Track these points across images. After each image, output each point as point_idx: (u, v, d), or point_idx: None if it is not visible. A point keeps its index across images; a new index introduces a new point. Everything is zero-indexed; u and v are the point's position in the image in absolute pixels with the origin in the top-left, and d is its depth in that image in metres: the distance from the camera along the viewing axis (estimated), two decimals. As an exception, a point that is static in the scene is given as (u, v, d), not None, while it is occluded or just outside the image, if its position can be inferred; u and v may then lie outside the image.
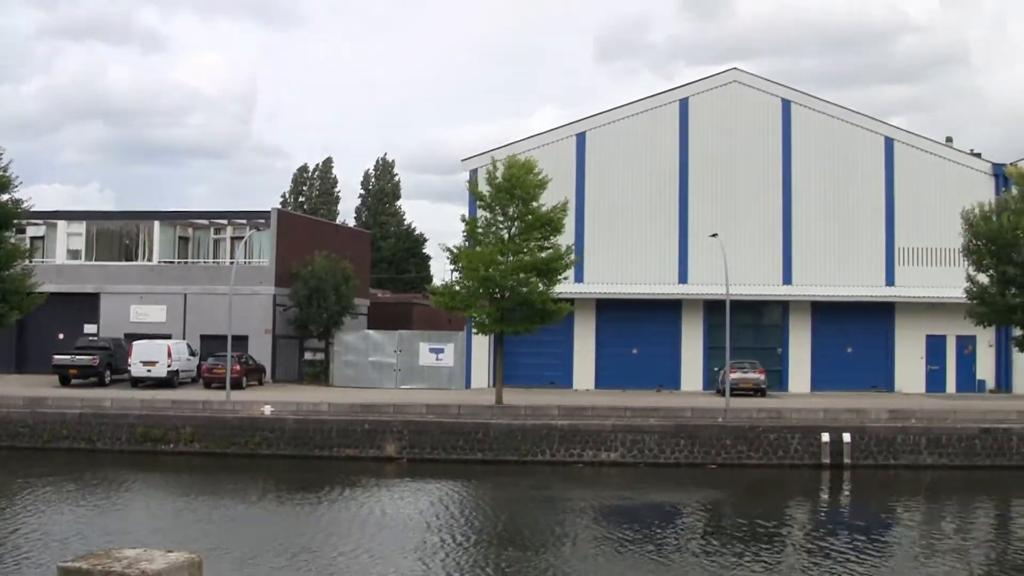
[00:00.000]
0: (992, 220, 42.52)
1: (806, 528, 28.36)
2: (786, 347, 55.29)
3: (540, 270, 42.11)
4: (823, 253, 54.83)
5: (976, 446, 37.97)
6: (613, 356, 54.69)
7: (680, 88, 56.96)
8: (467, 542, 24.94)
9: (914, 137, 56.57)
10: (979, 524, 30.12)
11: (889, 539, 26.78)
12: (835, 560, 23.32)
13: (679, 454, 37.50)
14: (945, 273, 51.52)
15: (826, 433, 37.57)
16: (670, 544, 25.03)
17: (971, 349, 55.09)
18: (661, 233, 55.00)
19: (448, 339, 55.77)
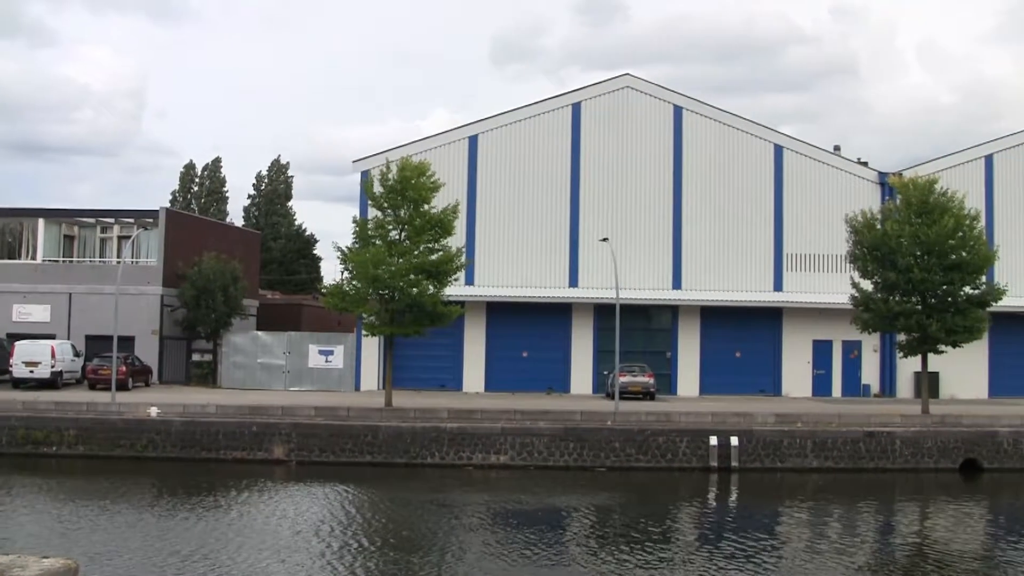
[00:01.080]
0: (877, 228, 43.22)
1: (695, 530, 28.52)
2: (675, 351, 55.73)
3: (430, 272, 41.97)
4: (713, 258, 55.39)
5: (861, 449, 38.55)
6: (503, 359, 54.74)
7: (573, 93, 57.15)
8: (355, 546, 24.71)
9: (803, 145, 57.36)
10: (864, 525, 30.55)
11: (776, 541, 27.02)
12: (724, 562, 23.48)
13: (568, 457, 37.58)
14: (832, 279, 52.24)
15: (714, 437, 37.89)
16: (559, 547, 25.04)
17: (856, 354, 55.96)
18: (552, 237, 55.17)
19: (338, 341, 55.44)
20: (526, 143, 55.92)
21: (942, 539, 28.21)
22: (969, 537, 28.83)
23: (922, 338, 42.89)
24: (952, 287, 42.53)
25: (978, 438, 39.57)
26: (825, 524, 30.24)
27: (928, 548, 26.93)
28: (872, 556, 25.64)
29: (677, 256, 55.50)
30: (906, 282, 42.09)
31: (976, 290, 43.51)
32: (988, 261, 43.57)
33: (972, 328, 42.75)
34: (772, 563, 23.73)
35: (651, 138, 56.09)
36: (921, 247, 41.99)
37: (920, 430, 39.80)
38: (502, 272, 54.85)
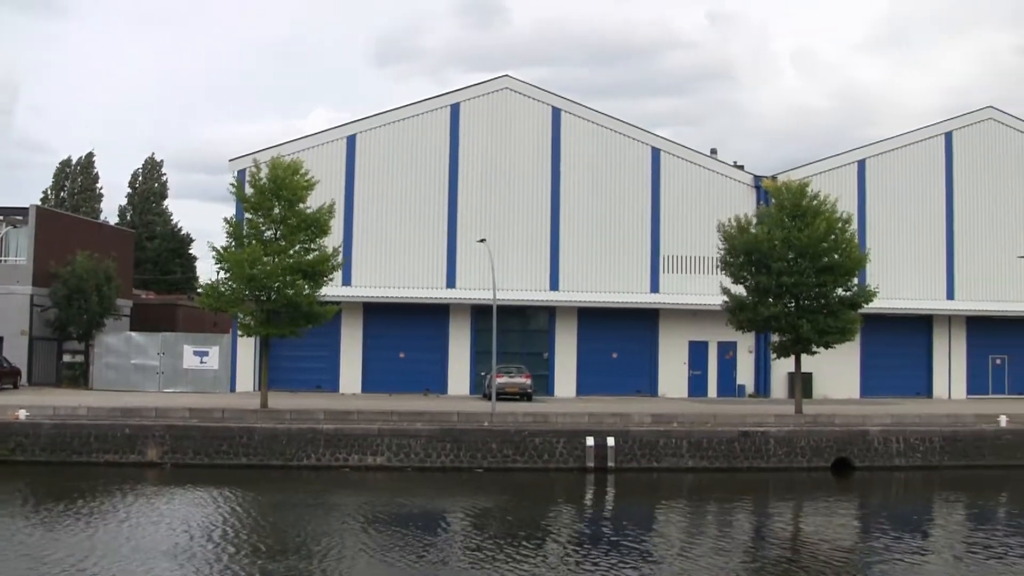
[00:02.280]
0: (750, 231, 43.74)
1: (572, 531, 28.52)
2: (552, 352, 55.93)
3: (306, 272, 41.62)
4: (590, 260, 55.73)
5: (735, 449, 38.93)
6: (380, 360, 54.53)
7: (452, 93, 57.11)
8: (229, 551, 24.26)
9: (680, 148, 57.92)
10: (739, 524, 30.78)
11: (653, 540, 27.14)
12: (601, 562, 23.51)
13: (446, 458, 37.44)
14: (708, 281, 52.75)
15: (591, 437, 37.96)
16: (439, 549, 24.89)
17: (732, 355, 56.66)
18: (430, 237, 55.09)
19: (213, 341, 54.76)
20: (405, 143, 55.73)
21: (815, 537, 28.55)
22: (841, 534, 29.20)
23: (795, 339, 43.55)
24: (824, 289, 43.24)
25: (850, 437, 40.20)
26: (701, 523, 30.45)
27: (801, 546, 27.28)
28: (747, 554, 25.86)
29: (555, 257, 55.71)
30: (778, 285, 42.66)
31: (848, 292, 44.27)
32: (860, 263, 44.36)
33: (844, 329, 43.49)
34: (649, 563, 23.82)
35: (529, 139, 56.26)
36: (794, 250, 42.63)
37: (793, 430, 40.33)
38: (379, 272, 54.62)
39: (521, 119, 56.51)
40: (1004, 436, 41.83)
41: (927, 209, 60.10)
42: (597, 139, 56.86)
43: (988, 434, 41.81)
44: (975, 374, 60.75)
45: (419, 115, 56.11)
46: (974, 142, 61.12)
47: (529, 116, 56.56)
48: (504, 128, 56.34)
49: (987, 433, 41.88)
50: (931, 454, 40.52)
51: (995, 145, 61.42)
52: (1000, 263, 59.76)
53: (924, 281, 59.58)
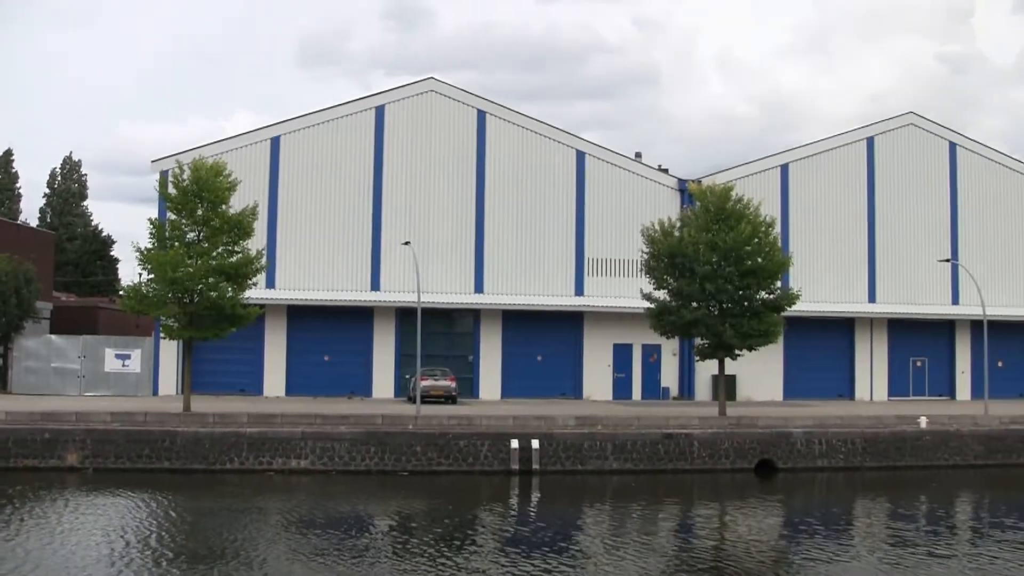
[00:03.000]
0: (674, 235, 43.93)
1: (497, 534, 28.47)
2: (477, 355, 55.94)
3: (229, 274, 41.28)
4: (514, 262, 55.79)
5: (660, 451, 39.07)
6: (304, 363, 54.26)
7: (377, 96, 56.92)
8: (167, 555, 23.96)
9: (604, 151, 58.12)
10: (664, 526, 30.86)
11: (578, 543, 27.14)
12: (526, 565, 23.47)
13: (370, 461, 37.26)
14: (633, 284, 52.82)
15: (515, 440, 37.92)
16: (364, 553, 24.73)
17: (656, 358, 56.97)
18: (354, 240, 54.87)
19: (135, 345, 54.12)
20: (329, 145, 55.47)
21: (740, 538, 28.69)
22: (766, 535, 29.38)
23: (718, 343, 43.74)
24: (748, 292, 43.50)
25: (773, 439, 40.49)
26: (626, 525, 30.45)
27: (727, 547, 27.40)
28: (672, 556, 25.93)
29: (479, 260, 55.71)
30: (702, 289, 42.86)
31: (771, 295, 44.56)
32: (783, 267, 44.70)
33: (767, 332, 43.78)
34: (574, 565, 23.82)
35: (455, 142, 56.21)
36: (718, 253, 42.83)
37: (717, 432, 40.54)
38: (303, 275, 54.31)
39: (446, 122, 56.43)
40: (924, 437, 42.32)
41: (849, 213, 60.75)
42: (522, 142, 56.91)
43: (909, 435, 42.28)
44: (896, 376, 61.53)
45: (343, 117, 55.86)
46: (895, 147, 61.89)
47: (454, 119, 56.50)
48: (429, 131, 56.22)
49: (908, 434, 42.35)
50: (853, 455, 40.92)
51: (915, 150, 62.24)
52: (921, 266, 60.53)
53: (846, 284, 60.22)
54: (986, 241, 62.67)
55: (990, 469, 41.98)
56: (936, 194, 62.29)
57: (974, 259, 59.79)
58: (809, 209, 59.91)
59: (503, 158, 56.57)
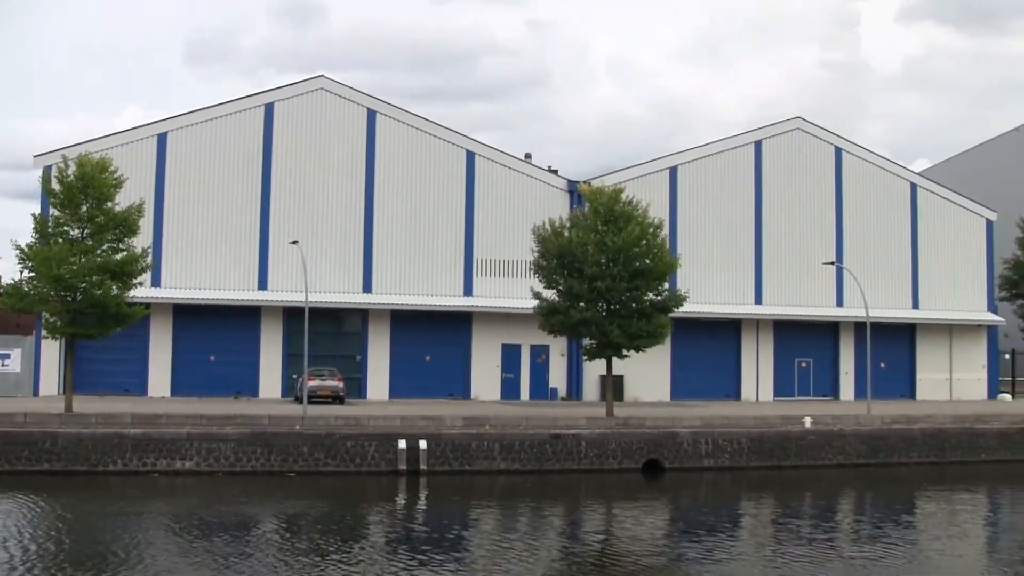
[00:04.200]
0: (563, 236, 44.00)
1: (384, 534, 28.36)
2: (365, 355, 55.62)
3: (114, 272, 40.56)
4: (403, 262, 55.55)
5: (547, 451, 39.15)
6: (190, 362, 53.47)
7: (266, 93, 56.31)
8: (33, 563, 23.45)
9: (495, 152, 58.07)
10: (552, 526, 30.93)
11: (465, 543, 27.09)
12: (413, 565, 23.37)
13: (256, 462, 36.88)
14: (522, 284, 52.67)
15: (403, 440, 37.77)
16: (250, 555, 24.43)
17: (544, 358, 57.02)
18: (242, 238, 54.22)
19: (15, 344, 52.93)
20: (217, 143, 54.77)
21: (627, 537, 28.83)
22: (653, 534, 29.56)
23: (606, 343, 43.87)
24: (636, 293, 43.67)
25: (660, 439, 40.76)
26: (514, 525, 30.48)
27: (613, 546, 27.49)
28: (560, 555, 25.99)
29: (368, 259, 55.34)
30: (591, 290, 42.98)
31: (659, 296, 44.80)
32: (671, 268, 44.98)
33: (654, 333, 43.98)
34: (461, 565, 23.77)
35: (344, 141, 55.83)
36: (606, 254, 42.94)
37: (604, 432, 40.72)
38: (190, 273, 53.56)
39: (336, 120, 56.03)
40: (808, 437, 42.88)
41: (737, 215, 61.35)
42: (412, 142, 56.68)
43: (793, 435, 42.82)
44: (781, 377, 62.27)
45: (232, 114, 55.18)
46: (782, 151, 62.63)
47: (344, 117, 56.12)
48: (318, 129, 55.77)
49: (792, 434, 42.88)
50: (739, 455, 41.34)
51: (802, 154, 63.04)
52: (806, 269, 61.26)
53: (733, 286, 60.80)
54: (869, 244, 63.63)
55: (872, 468, 42.66)
56: (822, 198, 63.15)
57: (858, 262, 60.63)
58: (697, 211, 60.41)
59: (393, 157, 56.29)
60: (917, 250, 65.04)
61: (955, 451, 44.74)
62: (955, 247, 65.79)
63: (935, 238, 65.39)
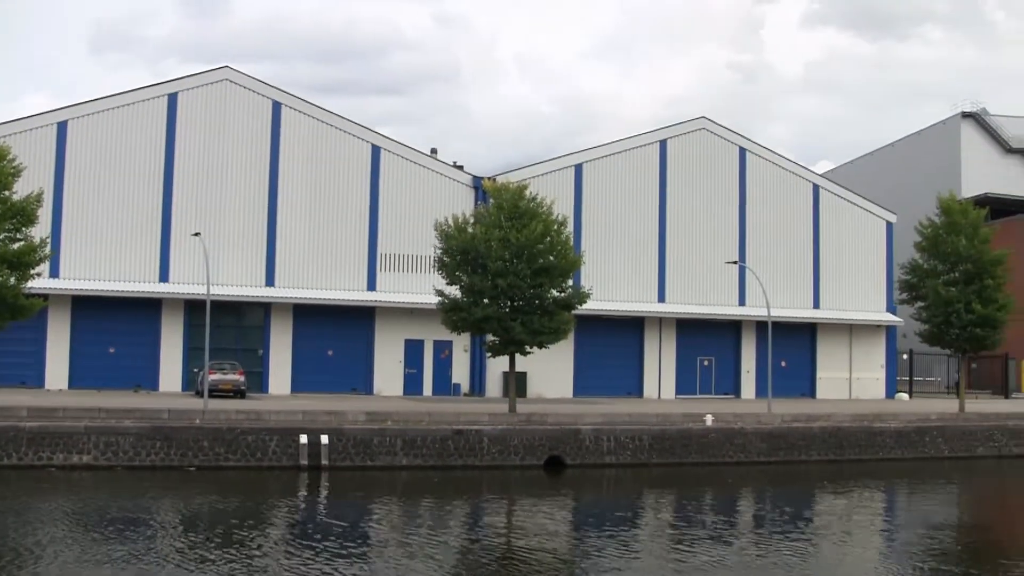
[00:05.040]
0: (466, 232, 43.95)
1: (284, 530, 28.11)
2: (267, 349, 55.20)
3: (11, 263, 39.81)
4: (307, 256, 55.22)
5: (449, 447, 39.12)
6: (89, 355, 52.66)
7: (169, 83, 55.60)
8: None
9: (400, 146, 57.87)
10: (453, 522, 30.87)
11: (366, 539, 26.95)
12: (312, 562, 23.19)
13: (156, 456, 36.42)
14: (425, 279, 52.66)
15: (304, 435, 37.53)
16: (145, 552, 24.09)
17: (447, 353, 56.99)
18: (143, 229, 53.50)
19: (-94, 335, 51.89)
20: (119, 132, 53.98)
21: (528, 533, 28.81)
22: (554, 531, 29.56)
23: (509, 339, 43.90)
24: (539, 290, 43.75)
25: (562, 436, 40.87)
26: (415, 522, 30.41)
27: (514, 542, 27.47)
28: (461, 552, 25.93)
29: (271, 253, 54.94)
30: (493, 287, 42.98)
31: (562, 293, 44.90)
32: (574, 265, 45.14)
33: (557, 330, 44.14)
34: (362, 561, 23.64)
35: (248, 133, 55.32)
36: (510, 250, 42.98)
37: (507, 428, 40.76)
38: (89, 265, 52.78)
39: (240, 112, 55.49)
40: (710, 435, 43.24)
41: (641, 214, 61.68)
42: (317, 135, 56.33)
43: (695, 433, 43.14)
44: (684, 375, 62.79)
45: (134, 103, 54.38)
46: (687, 151, 63.09)
47: (248, 109, 55.61)
48: (223, 120, 55.18)
49: (694, 432, 43.20)
50: (640, 452, 41.57)
51: (707, 154, 63.56)
52: (709, 268, 61.79)
53: (637, 284, 61.14)
54: (772, 244, 64.33)
55: (773, 466, 43.14)
56: (726, 197, 63.72)
57: (761, 262, 61.29)
58: (602, 209, 60.65)
59: (298, 151, 55.88)
60: (819, 251, 65.88)
61: (853, 449, 45.38)
62: (856, 248, 66.74)
63: (836, 239, 66.27)
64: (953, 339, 52.14)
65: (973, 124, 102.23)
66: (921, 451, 46.78)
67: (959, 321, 50.81)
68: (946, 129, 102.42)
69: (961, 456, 47.52)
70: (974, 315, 50.32)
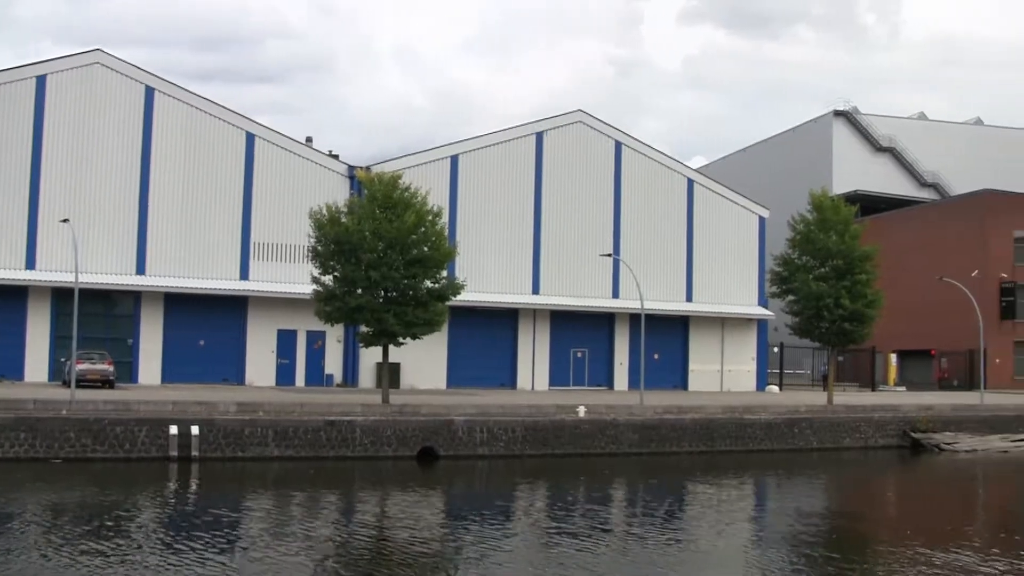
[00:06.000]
0: (341, 222, 43.65)
1: (152, 523, 27.66)
2: (137, 338, 54.33)
3: None
4: (179, 243, 54.47)
5: (322, 438, 38.96)
6: (-49, 344, 51.51)
7: (38, 64, 54.40)
8: None
9: (275, 135, 57.34)
10: (326, 513, 30.69)
11: (235, 531, 26.61)
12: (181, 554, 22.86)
13: (20, 448, 35.69)
14: (299, 269, 52.37)
15: (174, 426, 37.07)
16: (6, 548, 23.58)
17: (321, 344, 56.60)
18: (9, 215, 52.30)
19: None
20: (-15, 116, 52.76)
21: (400, 525, 28.74)
22: (426, 522, 29.51)
23: (382, 330, 43.69)
24: (413, 281, 43.59)
25: (435, 427, 40.90)
26: (287, 513, 30.15)
27: (387, 533, 27.40)
28: (333, 543, 25.72)
29: (142, 240, 54.04)
30: (367, 277, 42.75)
31: (436, 284, 44.78)
32: (448, 256, 45.01)
33: (431, 321, 44.02)
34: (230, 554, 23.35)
35: (120, 118, 54.32)
36: (384, 241, 42.75)
37: (380, 419, 40.64)
38: (-47, 251, 51.58)
39: (112, 97, 54.42)
40: (582, 426, 43.54)
41: (517, 206, 61.81)
42: (191, 122, 55.52)
43: (567, 424, 43.39)
44: (557, 366, 63.11)
45: (1, 85, 53.14)
46: (564, 144, 63.34)
47: (121, 94, 54.57)
48: (94, 105, 54.07)
49: (566, 423, 43.45)
50: (513, 443, 41.73)
51: (583, 148, 63.86)
52: (584, 260, 62.11)
53: (511, 275, 61.27)
54: (647, 238, 64.89)
55: (644, 457, 43.61)
56: (601, 190, 64.10)
57: (635, 255, 61.82)
58: (478, 201, 60.67)
59: (171, 137, 55.02)
60: (692, 244, 66.61)
61: (724, 440, 46.05)
62: (729, 243, 67.60)
63: (710, 233, 67.05)
64: (823, 333, 52.99)
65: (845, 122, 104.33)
66: (790, 443, 47.61)
67: (829, 315, 51.67)
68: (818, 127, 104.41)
69: (829, 448, 48.52)
70: (843, 309, 51.18)
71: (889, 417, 51.65)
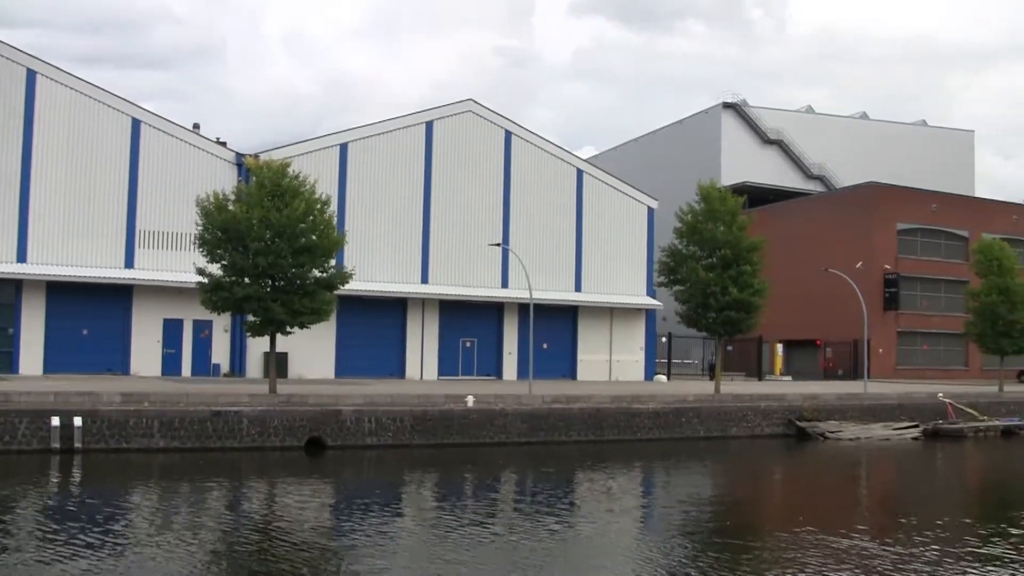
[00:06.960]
0: (227, 210, 43.17)
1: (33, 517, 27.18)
2: (18, 327, 53.25)
3: None
4: (62, 231, 53.48)
5: (208, 428, 38.58)
6: None
7: (-87, 47, 53.13)
8: None
9: (161, 121, 56.52)
10: (212, 505, 30.31)
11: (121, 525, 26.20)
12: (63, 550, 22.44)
13: None
14: (186, 257, 51.68)
15: (56, 417, 36.47)
16: None
17: (207, 334, 56.03)
18: None
19: None
20: None
21: (288, 515, 28.58)
22: (314, 512, 29.37)
23: (269, 319, 43.32)
24: (301, 270, 43.28)
25: (323, 417, 40.70)
26: (173, 505, 29.76)
27: (274, 524, 27.15)
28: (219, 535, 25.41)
29: (23, 227, 52.90)
30: (254, 266, 42.35)
31: (324, 273, 44.51)
32: (337, 245, 44.76)
33: (319, 310, 43.75)
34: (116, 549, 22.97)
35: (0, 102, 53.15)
36: (272, 229, 42.37)
37: (267, 409, 40.34)
38: None
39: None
40: (471, 415, 43.60)
41: (406, 195, 61.66)
42: (75, 106, 54.51)
43: (456, 414, 43.42)
44: (446, 356, 63.12)
45: None
46: (454, 133, 63.29)
47: (1, 76, 53.43)
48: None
49: (455, 413, 43.48)
50: (402, 433, 41.67)
51: (473, 137, 63.87)
52: (473, 250, 62.17)
53: (400, 265, 61.14)
54: (536, 228, 65.11)
55: (533, 446, 43.81)
56: (491, 180, 64.17)
57: (524, 245, 62.02)
58: (367, 190, 60.40)
59: (53, 122, 53.95)
60: (582, 235, 66.93)
61: (613, 430, 46.40)
62: (618, 233, 68.07)
63: (599, 224, 67.44)
64: (710, 322, 53.55)
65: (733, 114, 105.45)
66: (678, 431, 48.12)
67: (716, 304, 52.22)
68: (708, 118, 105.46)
69: (716, 436, 49.16)
70: (730, 299, 51.75)
71: (775, 406, 52.41)
